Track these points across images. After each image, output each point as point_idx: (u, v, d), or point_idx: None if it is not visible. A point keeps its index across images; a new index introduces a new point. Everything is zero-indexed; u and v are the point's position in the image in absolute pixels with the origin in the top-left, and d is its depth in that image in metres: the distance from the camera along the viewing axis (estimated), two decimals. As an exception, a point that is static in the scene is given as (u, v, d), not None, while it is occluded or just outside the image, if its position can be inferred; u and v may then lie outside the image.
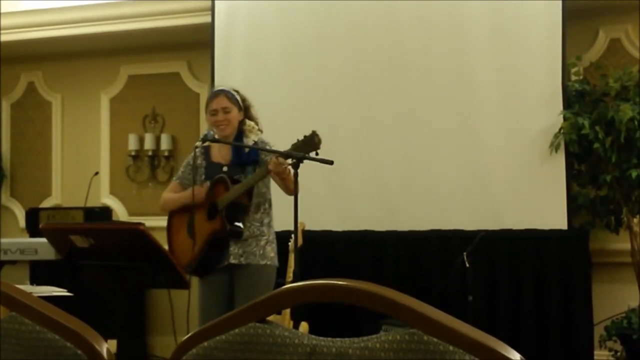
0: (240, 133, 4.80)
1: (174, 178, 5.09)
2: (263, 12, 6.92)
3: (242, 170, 4.73)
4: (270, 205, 4.81)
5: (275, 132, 5.25)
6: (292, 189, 4.46)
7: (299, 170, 4.38)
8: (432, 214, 6.35)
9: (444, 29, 6.47)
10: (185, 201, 4.77)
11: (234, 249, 4.68)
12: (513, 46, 6.33)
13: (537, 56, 6.27)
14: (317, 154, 4.35)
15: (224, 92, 4.86)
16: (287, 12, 6.87)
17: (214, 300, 4.71)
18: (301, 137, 4.39)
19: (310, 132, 4.37)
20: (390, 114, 6.53)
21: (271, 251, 4.76)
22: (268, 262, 4.73)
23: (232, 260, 4.68)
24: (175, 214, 4.93)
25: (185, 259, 4.63)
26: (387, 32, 6.59)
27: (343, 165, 5.10)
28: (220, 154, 4.84)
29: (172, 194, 4.95)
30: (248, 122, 4.84)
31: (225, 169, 4.77)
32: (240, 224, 4.68)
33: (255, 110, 4.93)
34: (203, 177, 4.83)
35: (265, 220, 4.77)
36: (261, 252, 4.70)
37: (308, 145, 4.34)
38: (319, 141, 4.33)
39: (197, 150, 4.83)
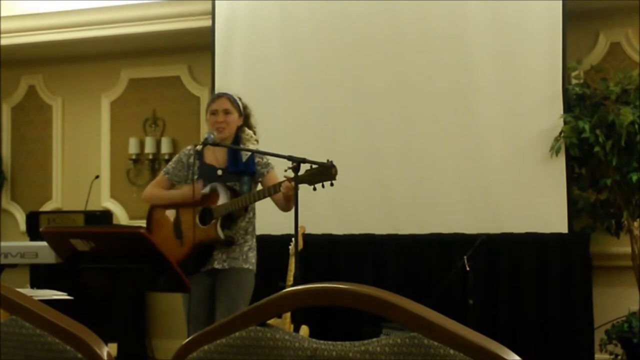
0: (238, 139, 4.80)
1: (163, 172, 5.03)
2: (263, 15, 6.93)
3: (237, 178, 4.73)
4: (254, 215, 4.83)
5: (276, 134, 5.26)
6: (290, 207, 4.47)
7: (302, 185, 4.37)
8: (432, 218, 6.36)
9: (444, 33, 6.47)
10: (178, 201, 4.77)
11: (217, 254, 4.71)
12: (513, 49, 6.33)
13: (537, 59, 6.27)
14: (332, 184, 4.32)
15: (226, 95, 4.87)
16: (287, 15, 6.87)
17: (199, 301, 4.72)
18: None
19: (327, 160, 4.33)
20: (391, 118, 6.53)
21: (253, 257, 4.79)
22: (250, 267, 4.76)
23: (216, 265, 4.71)
24: (157, 210, 4.91)
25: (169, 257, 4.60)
26: (388, 37, 6.59)
27: (343, 169, 5.08)
28: (215, 156, 4.83)
29: (162, 191, 4.91)
30: (247, 130, 4.84)
31: (219, 172, 4.76)
32: (231, 233, 4.69)
33: (255, 120, 4.94)
34: (196, 176, 4.82)
35: (249, 229, 4.80)
36: (244, 257, 4.73)
37: (323, 175, 4.31)
38: (336, 172, 4.29)
39: (189, 149, 4.83)
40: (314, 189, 4.35)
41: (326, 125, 6.55)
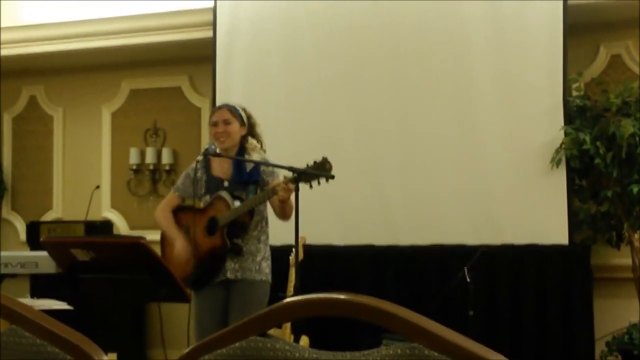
0: (242, 149, 4.80)
1: (173, 189, 5.05)
2: (264, 26, 6.95)
3: (243, 188, 4.72)
4: (267, 223, 4.81)
5: (277, 144, 5.27)
6: (288, 215, 4.48)
7: (301, 187, 4.37)
8: (433, 229, 6.35)
9: (445, 44, 6.48)
10: (170, 237, 4.78)
11: (230, 264, 4.68)
12: (514, 61, 6.34)
13: (538, 72, 6.28)
14: (327, 180, 4.34)
15: (227, 106, 4.88)
16: (288, 26, 6.89)
17: (210, 314, 4.72)
18: (309, 155, 4.38)
19: (321, 158, 4.36)
20: (391, 129, 6.54)
21: (266, 267, 4.76)
22: (263, 278, 4.73)
23: (229, 276, 4.68)
24: None
25: (180, 271, 4.60)
26: (388, 47, 6.60)
27: (344, 179, 5.09)
28: (221, 168, 4.83)
29: (165, 220, 4.87)
30: (250, 139, 4.83)
31: (226, 184, 4.76)
32: (240, 241, 4.67)
33: (261, 130, 4.93)
34: (203, 190, 4.82)
35: (262, 238, 4.78)
36: (257, 267, 4.70)
37: (318, 171, 4.33)
38: (330, 167, 4.33)
39: (197, 163, 4.83)
40: (310, 186, 4.35)
41: (326, 135, 6.55)
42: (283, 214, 4.60)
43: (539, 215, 6.18)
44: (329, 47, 6.76)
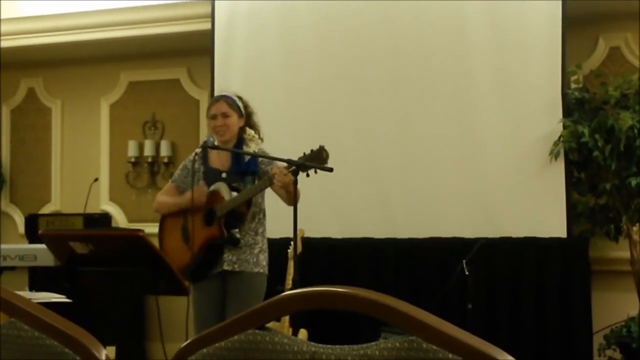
0: (241, 141, 4.80)
1: (170, 180, 5.07)
2: (263, 19, 6.93)
3: (241, 179, 4.73)
4: (264, 216, 4.82)
5: (275, 139, 5.26)
6: (294, 199, 4.46)
7: (298, 178, 4.37)
8: (431, 222, 6.35)
9: (444, 38, 6.47)
10: (183, 205, 4.76)
11: (228, 255, 4.69)
12: (513, 54, 6.34)
13: (537, 64, 6.27)
14: (323, 169, 4.33)
15: (224, 98, 4.88)
16: (287, 19, 6.88)
17: (207, 306, 4.73)
18: (307, 149, 4.37)
19: (317, 146, 4.35)
20: (390, 122, 6.54)
21: (264, 260, 4.77)
22: (261, 270, 4.74)
23: (226, 267, 4.69)
24: (168, 217, 4.93)
25: (177, 263, 4.60)
26: (387, 42, 6.59)
27: (343, 173, 5.08)
28: (219, 159, 4.84)
29: (168, 198, 4.92)
30: (248, 130, 4.83)
31: (224, 175, 4.77)
32: (237, 232, 4.68)
33: (258, 118, 4.94)
34: (201, 182, 4.83)
35: (260, 230, 4.78)
36: (254, 260, 4.71)
37: (315, 160, 4.33)
38: (327, 156, 4.32)
39: (195, 155, 4.83)
40: (307, 175, 4.35)
41: (325, 129, 6.54)
42: (289, 200, 4.56)
43: (538, 208, 6.17)
44: (329, 40, 6.75)
